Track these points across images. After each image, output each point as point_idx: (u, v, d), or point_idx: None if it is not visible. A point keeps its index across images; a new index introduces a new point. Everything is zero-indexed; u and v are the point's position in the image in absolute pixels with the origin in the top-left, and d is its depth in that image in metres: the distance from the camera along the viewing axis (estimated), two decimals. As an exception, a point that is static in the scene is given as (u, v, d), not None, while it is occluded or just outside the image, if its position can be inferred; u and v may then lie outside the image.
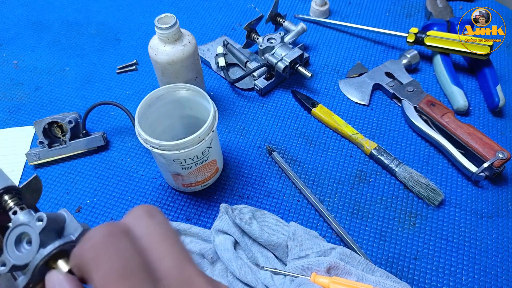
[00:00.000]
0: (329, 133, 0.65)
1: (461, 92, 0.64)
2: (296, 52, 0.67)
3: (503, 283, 0.49)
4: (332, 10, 0.85)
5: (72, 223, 0.26)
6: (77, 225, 0.26)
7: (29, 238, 0.25)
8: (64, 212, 0.27)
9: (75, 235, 0.26)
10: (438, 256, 0.51)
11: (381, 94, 0.69)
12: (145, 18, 0.86)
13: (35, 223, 0.25)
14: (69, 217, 0.27)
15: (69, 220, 0.27)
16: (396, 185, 0.58)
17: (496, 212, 0.55)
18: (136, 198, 0.58)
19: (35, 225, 0.24)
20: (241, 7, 0.87)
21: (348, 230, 0.54)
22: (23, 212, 0.26)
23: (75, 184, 0.60)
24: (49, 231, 0.25)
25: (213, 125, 0.49)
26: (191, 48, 0.56)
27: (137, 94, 0.72)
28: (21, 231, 0.25)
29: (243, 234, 0.50)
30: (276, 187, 0.59)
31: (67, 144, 0.61)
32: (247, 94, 0.71)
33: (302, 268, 0.46)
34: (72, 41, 0.82)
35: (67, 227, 0.26)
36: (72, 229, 0.26)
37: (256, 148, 0.63)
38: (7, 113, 0.70)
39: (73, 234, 0.26)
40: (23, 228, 0.25)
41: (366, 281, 0.45)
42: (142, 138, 0.48)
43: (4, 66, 0.78)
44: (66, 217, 0.27)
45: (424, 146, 0.62)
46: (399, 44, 0.77)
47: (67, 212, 0.27)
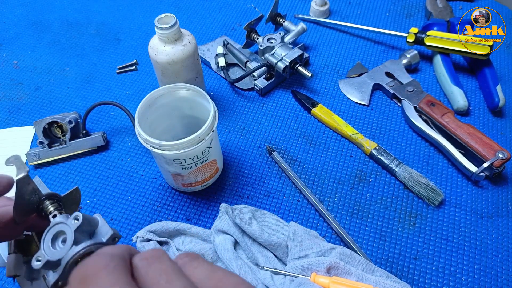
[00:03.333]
0: (329, 133, 0.65)
1: (461, 92, 0.64)
2: (296, 52, 0.67)
3: (503, 283, 0.49)
4: (332, 10, 0.85)
5: (104, 227, 0.28)
6: (108, 229, 0.28)
7: (65, 238, 0.27)
8: (98, 216, 0.29)
9: (105, 238, 0.28)
10: (438, 256, 0.51)
11: (381, 94, 0.69)
12: (145, 18, 0.86)
13: (71, 221, 0.26)
14: (101, 221, 0.29)
15: (102, 224, 0.28)
16: (396, 185, 0.58)
17: (496, 212, 0.55)
18: (136, 198, 0.58)
19: (71, 223, 0.26)
20: (241, 7, 0.87)
21: (348, 230, 0.54)
22: (62, 216, 0.28)
23: (75, 184, 0.60)
24: (82, 232, 0.27)
25: (213, 125, 0.49)
26: (191, 48, 0.56)
27: (137, 94, 0.72)
28: (58, 230, 0.27)
29: (243, 234, 0.50)
30: (276, 187, 0.59)
31: (67, 144, 0.61)
32: (247, 94, 0.71)
33: (302, 268, 0.46)
34: (72, 41, 0.82)
35: (99, 231, 0.28)
36: (103, 232, 0.28)
37: (256, 148, 0.63)
38: (7, 113, 0.70)
39: (104, 237, 0.28)
40: (60, 226, 0.27)
41: (366, 281, 0.45)
42: (142, 138, 0.48)
43: (4, 66, 0.78)
44: (99, 221, 0.28)
45: (424, 146, 0.62)
46: (399, 44, 0.77)
47: (101, 217, 0.29)
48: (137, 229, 0.55)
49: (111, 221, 0.56)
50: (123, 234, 0.55)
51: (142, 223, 0.56)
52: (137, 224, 0.56)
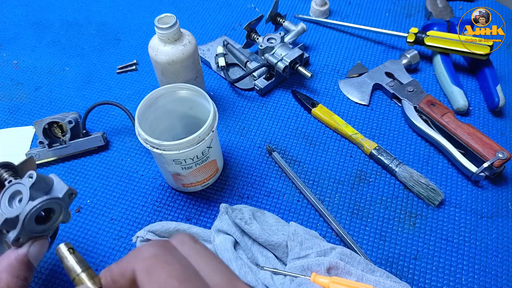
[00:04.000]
0: (329, 133, 0.65)
1: (461, 92, 0.64)
2: (296, 52, 0.67)
3: (503, 283, 0.49)
4: (332, 10, 0.85)
5: (59, 184, 0.29)
6: (63, 186, 0.29)
7: (21, 198, 0.28)
8: (52, 176, 0.30)
9: (62, 194, 0.29)
10: (438, 256, 0.51)
11: (381, 94, 0.69)
12: (145, 18, 0.86)
13: (26, 180, 0.27)
14: (57, 179, 0.29)
15: (57, 182, 0.29)
16: (396, 185, 0.58)
17: (496, 212, 0.55)
18: (136, 198, 0.58)
19: (26, 181, 0.27)
20: (241, 7, 0.87)
21: (348, 230, 0.54)
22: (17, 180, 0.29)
23: (75, 184, 0.60)
24: (38, 189, 0.28)
25: (213, 125, 0.49)
26: (191, 48, 0.56)
27: (137, 94, 0.72)
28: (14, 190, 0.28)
29: (243, 234, 0.50)
30: (276, 187, 0.59)
31: (67, 144, 0.61)
32: (247, 94, 0.71)
33: (302, 268, 0.46)
34: (72, 41, 0.82)
35: (55, 188, 0.29)
36: (59, 189, 0.29)
37: (256, 148, 0.63)
38: (7, 113, 0.70)
39: (60, 193, 0.29)
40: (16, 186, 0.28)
41: (366, 281, 0.45)
42: (142, 138, 0.48)
43: (4, 66, 0.78)
44: (54, 179, 0.29)
45: (424, 146, 0.62)
46: (399, 44, 0.77)
47: (55, 176, 0.30)
48: (137, 229, 0.55)
49: (111, 221, 0.56)
50: (123, 234, 0.55)
51: (142, 223, 0.56)
52: (137, 224, 0.56)
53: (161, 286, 0.21)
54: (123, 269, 0.23)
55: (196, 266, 0.23)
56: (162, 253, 0.23)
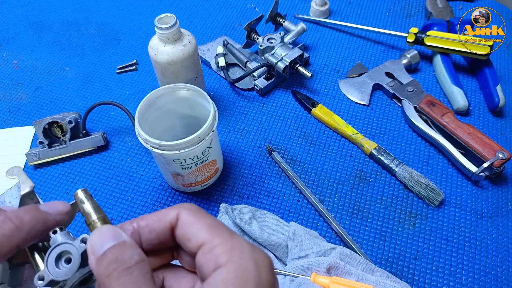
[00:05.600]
0: (329, 133, 0.65)
1: (461, 92, 0.64)
2: (296, 52, 0.67)
3: (503, 283, 0.49)
4: (332, 10, 0.85)
5: None
6: None
7: (68, 257, 0.27)
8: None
9: None
10: (438, 256, 0.51)
11: (381, 94, 0.69)
12: (145, 18, 0.86)
13: (78, 243, 0.26)
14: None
15: None
16: (396, 185, 0.58)
17: (496, 212, 0.55)
18: (136, 198, 0.58)
19: (78, 245, 0.26)
20: (241, 7, 0.87)
21: (348, 230, 0.54)
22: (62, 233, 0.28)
23: (75, 184, 0.60)
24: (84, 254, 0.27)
25: (213, 125, 0.49)
26: (191, 48, 0.56)
27: (137, 94, 0.72)
28: (63, 250, 0.27)
29: (243, 234, 0.50)
30: (276, 187, 0.59)
31: (67, 144, 0.61)
32: (247, 94, 0.71)
33: (302, 268, 0.46)
34: (72, 41, 0.82)
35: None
36: None
37: (256, 148, 0.63)
38: (7, 113, 0.70)
39: None
40: (65, 246, 0.27)
41: (366, 281, 0.45)
42: (142, 138, 0.48)
43: (4, 66, 0.78)
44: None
45: (424, 146, 0.62)
46: (399, 44, 0.77)
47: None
48: (137, 229, 0.55)
49: (111, 221, 0.56)
50: (123, 234, 0.55)
51: (142, 223, 0.56)
52: (137, 224, 0.56)
53: (209, 224, 0.23)
54: (162, 214, 0.24)
55: None
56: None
